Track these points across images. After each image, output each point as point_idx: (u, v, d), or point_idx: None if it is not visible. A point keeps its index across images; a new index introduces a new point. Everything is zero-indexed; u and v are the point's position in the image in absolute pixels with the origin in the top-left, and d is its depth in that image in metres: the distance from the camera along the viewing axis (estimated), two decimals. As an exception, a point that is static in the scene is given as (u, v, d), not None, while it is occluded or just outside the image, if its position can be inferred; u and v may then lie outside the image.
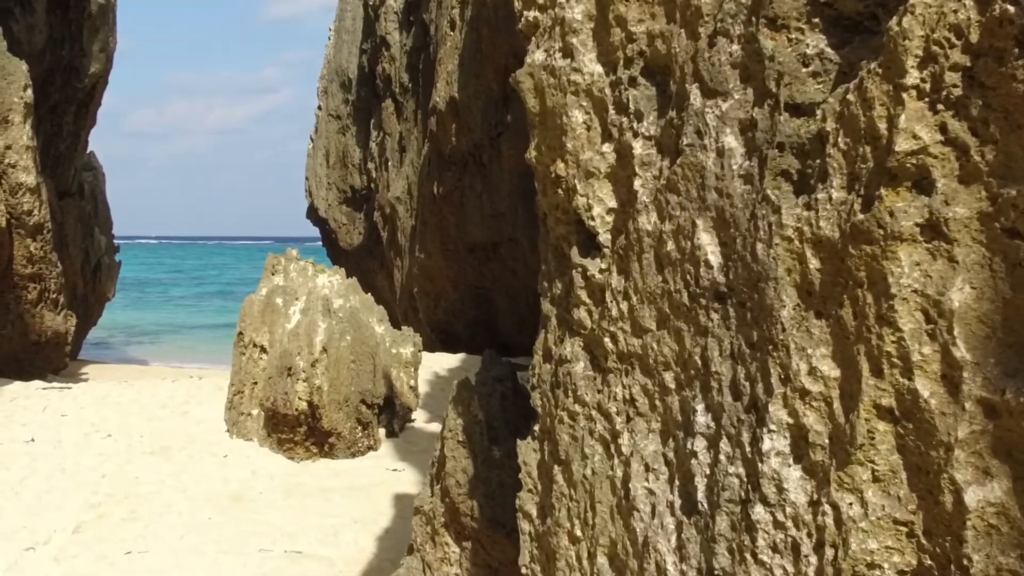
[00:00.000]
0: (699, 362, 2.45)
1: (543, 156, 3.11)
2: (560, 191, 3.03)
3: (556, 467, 3.03)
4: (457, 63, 19.61)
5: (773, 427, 2.13)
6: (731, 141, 2.35)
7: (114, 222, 27.79)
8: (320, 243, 32.67)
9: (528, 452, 3.25)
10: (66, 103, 23.35)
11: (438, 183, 20.85)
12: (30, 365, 18.09)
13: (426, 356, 14.40)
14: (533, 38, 3.17)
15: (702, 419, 2.43)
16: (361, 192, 28.15)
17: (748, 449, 2.23)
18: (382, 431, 12.08)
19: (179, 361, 32.03)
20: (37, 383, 16.30)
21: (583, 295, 2.93)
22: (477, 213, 19.81)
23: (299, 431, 11.46)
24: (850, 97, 1.99)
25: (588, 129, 2.91)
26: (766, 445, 2.15)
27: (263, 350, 12.16)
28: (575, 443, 2.93)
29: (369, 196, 27.53)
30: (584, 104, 2.90)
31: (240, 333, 12.40)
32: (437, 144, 20.75)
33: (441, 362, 17.51)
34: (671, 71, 2.65)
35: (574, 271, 2.97)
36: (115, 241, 27.56)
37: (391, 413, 12.29)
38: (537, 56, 3.11)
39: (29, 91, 17.30)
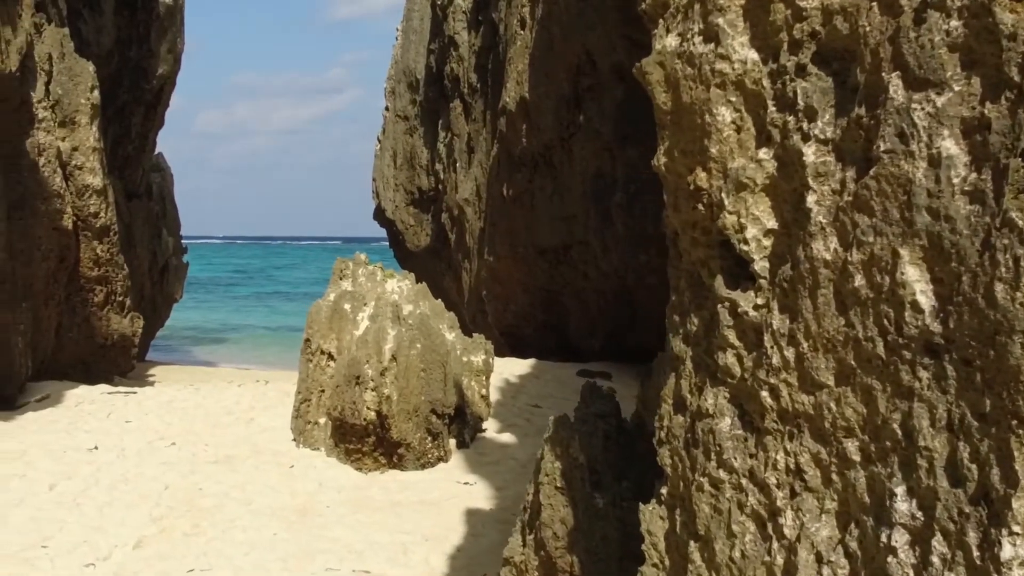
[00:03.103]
0: (899, 432, 1.92)
1: (676, 163, 2.58)
2: (700, 206, 2.50)
3: (692, 543, 2.51)
4: (527, 63, 19.14)
5: (1016, 529, 1.60)
6: (950, 146, 1.82)
7: (181, 222, 27.81)
8: (385, 243, 32.49)
9: (653, 519, 2.73)
10: (134, 104, 23.31)
11: (507, 185, 20.40)
12: (97, 368, 17.97)
13: (496, 362, 13.98)
14: (661, 20, 2.64)
15: (904, 506, 1.90)
16: (429, 193, 27.82)
17: (976, 553, 1.70)
18: (452, 442, 11.67)
19: (245, 362, 32.04)
20: (102, 387, 16.13)
21: (731, 336, 2.41)
22: (547, 215, 19.32)
23: (367, 441, 11.09)
24: None
25: (739, 130, 2.38)
26: (1006, 551, 1.62)
27: (331, 357, 11.80)
28: (718, 517, 2.41)
29: (437, 197, 27.19)
30: (733, 99, 2.37)
31: (307, 339, 12.05)
32: (507, 145, 20.29)
33: (511, 368, 17.03)
34: (857, 56, 2.11)
35: (719, 306, 2.44)
36: (182, 242, 27.58)
37: (462, 423, 11.87)
38: (669, 41, 2.58)
39: (96, 92, 17.15)
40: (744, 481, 2.36)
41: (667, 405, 2.72)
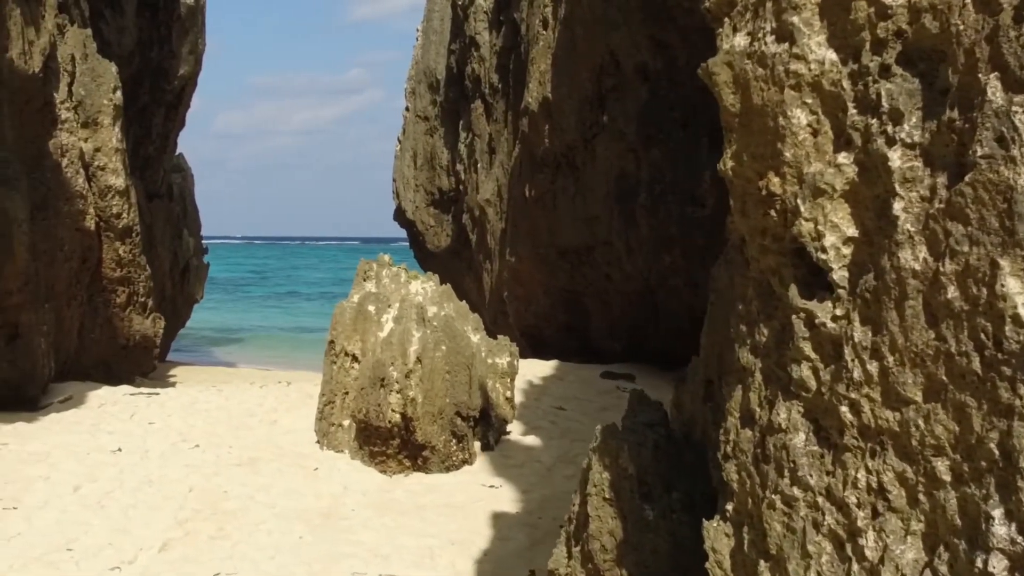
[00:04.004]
0: (996, 452, 1.82)
1: (744, 167, 2.48)
2: (772, 212, 2.39)
3: (762, 562, 2.41)
4: (550, 63, 19.06)
5: None
6: (1057, 152, 1.73)
7: (201, 223, 27.86)
8: (404, 243, 32.52)
9: (718, 536, 2.63)
10: (155, 105, 23.31)
11: (530, 185, 20.32)
12: (119, 369, 17.97)
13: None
14: (726, 19, 2.54)
15: (1002, 529, 1.80)
16: (449, 194, 27.79)
17: (1086, 582, 1.62)
18: (477, 444, 11.58)
19: (264, 362, 32.05)
20: (125, 388, 16.10)
21: (807, 348, 2.30)
22: (569, 216, 19.24)
23: (392, 444, 11.01)
24: None
25: (815, 133, 2.28)
26: (1121, 581, 1.54)
27: (355, 359, 11.73)
28: (791, 536, 2.31)
29: (457, 198, 27.16)
30: (809, 101, 2.27)
31: (331, 341, 11.98)
32: (529, 146, 20.22)
33: (534, 369, 16.94)
34: (947, 56, 2.01)
35: (793, 316, 2.33)
36: (202, 242, 27.62)
37: (486, 425, 11.79)
38: (737, 41, 2.48)
39: (118, 93, 17.14)
40: (820, 499, 2.26)
41: (733, 418, 2.62)
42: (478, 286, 25.95)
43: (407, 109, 30.68)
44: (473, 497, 10.21)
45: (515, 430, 12.54)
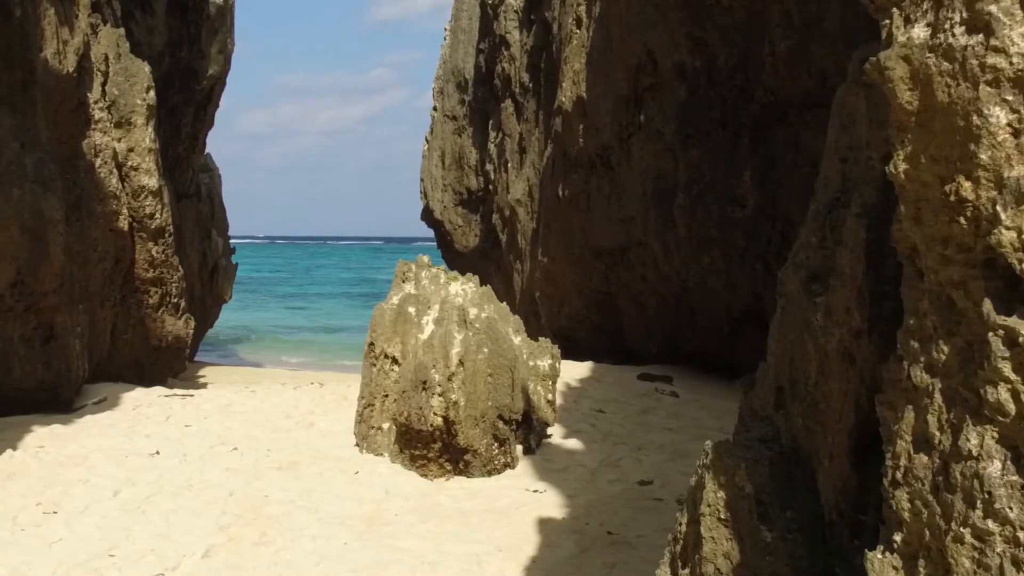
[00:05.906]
0: None
1: (921, 171, 2.29)
2: (961, 220, 2.20)
3: (944, 599, 2.24)
4: (584, 62, 18.88)
5: None
6: None
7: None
8: (429, 243, 32.49)
9: (885, 569, 2.44)
10: (184, 105, 23.26)
11: (563, 185, 20.14)
12: (151, 370, 17.89)
13: (554, 365, 13.68)
14: (895, 10, 2.36)
15: None
16: (478, 194, 27.66)
17: None
18: (519, 448, 11.41)
19: (289, 362, 32.05)
20: (159, 390, 16.01)
21: (1006, 369, 2.11)
22: (604, 216, 19.05)
23: (433, 447, 10.85)
24: None
25: (1016, 134, 2.09)
26: None
27: (395, 361, 11.57)
28: (985, 573, 2.12)
29: (486, 198, 27.02)
30: (1010, 98, 2.08)
31: (371, 343, 11.81)
32: (562, 145, 20.04)
33: (570, 371, 16.72)
34: None
35: (990, 334, 2.15)
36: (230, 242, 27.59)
37: (528, 429, 11.61)
38: (915, 33, 2.29)
39: (152, 93, 17.06)
40: (1022, 534, 2.08)
41: (904, 443, 2.43)
42: (507, 286, 25.79)
43: (435, 109, 30.57)
44: (517, 502, 10.03)
45: (555, 433, 12.37)
